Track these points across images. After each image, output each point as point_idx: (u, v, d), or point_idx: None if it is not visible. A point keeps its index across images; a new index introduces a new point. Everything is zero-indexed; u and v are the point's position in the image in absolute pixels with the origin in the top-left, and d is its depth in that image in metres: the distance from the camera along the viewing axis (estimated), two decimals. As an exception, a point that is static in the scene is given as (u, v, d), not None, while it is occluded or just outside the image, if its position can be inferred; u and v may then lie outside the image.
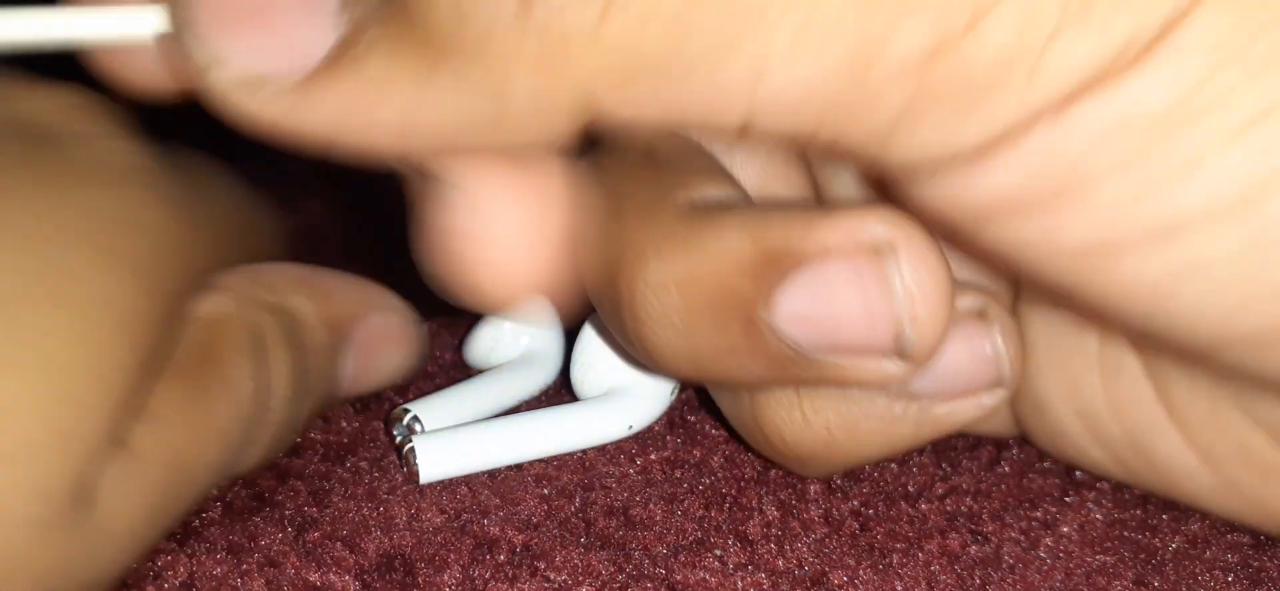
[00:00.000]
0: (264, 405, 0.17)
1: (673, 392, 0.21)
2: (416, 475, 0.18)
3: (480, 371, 0.22)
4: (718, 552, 0.17)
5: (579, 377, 0.20)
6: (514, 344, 0.22)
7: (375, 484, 0.19)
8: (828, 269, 0.13)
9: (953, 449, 0.20)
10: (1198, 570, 0.17)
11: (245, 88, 0.12)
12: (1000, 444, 0.20)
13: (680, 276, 0.14)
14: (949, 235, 0.13)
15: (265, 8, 0.11)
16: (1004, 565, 0.17)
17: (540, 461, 0.20)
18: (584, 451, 0.20)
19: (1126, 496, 0.19)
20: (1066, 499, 0.19)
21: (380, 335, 0.20)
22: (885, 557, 0.17)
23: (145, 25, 0.12)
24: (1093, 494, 0.19)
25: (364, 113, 0.11)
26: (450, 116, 0.11)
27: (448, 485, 0.19)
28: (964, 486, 0.19)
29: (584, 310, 0.21)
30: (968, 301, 0.15)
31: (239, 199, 0.19)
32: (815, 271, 0.13)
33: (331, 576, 0.16)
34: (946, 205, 0.12)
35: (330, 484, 0.19)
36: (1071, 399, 0.17)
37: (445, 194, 0.13)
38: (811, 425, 0.16)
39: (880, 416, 0.15)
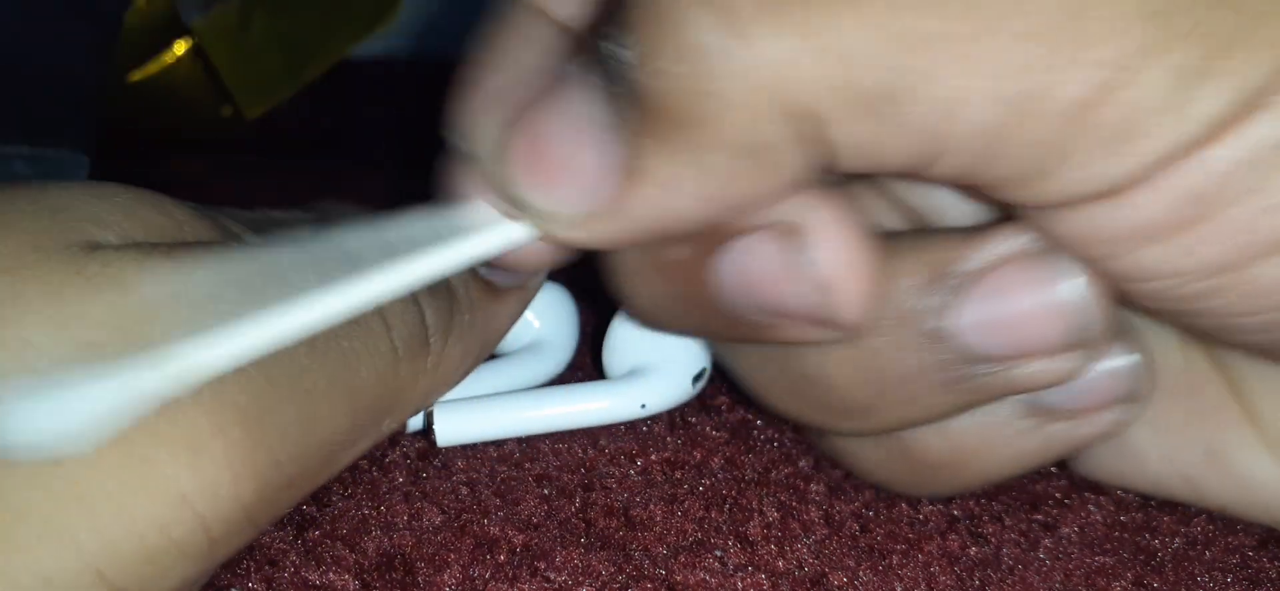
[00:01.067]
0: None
1: (696, 381, 0.21)
2: (434, 438, 0.19)
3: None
4: (718, 553, 0.17)
5: (608, 361, 0.21)
6: (524, 331, 0.22)
7: (376, 483, 0.19)
8: (756, 241, 0.14)
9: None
10: (1198, 570, 0.17)
11: (571, 227, 0.14)
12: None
13: None
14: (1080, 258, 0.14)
15: (556, 159, 0.14)
16: (1004, 566, 0.17)
17: (540, 462, 0.20)
18: (585, 451, 0.20)
19: (1126, 497, 0.19)
20: (1066, 500, 0.19)
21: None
22: (885, 558, 0.17)
23: (509, 235, 0.15)
24: (1093, 495, 0.19)
25: (667, 207, 0.14)
26: (729, 178, 0.13)
27: (448, 485, 0.19)
28: (964, 487, 0.19)
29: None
30: None
31: None
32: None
33: (331, 575, 0.16)
34: (1086, 234, 0.13)
35: (330, 482, 0.19)
36: (1147, 420, 0.17)
37: (791, 241, 0.14)
38: (949, 436, 0.16)
39: (1015, 431, 0.16)
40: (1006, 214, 0.15)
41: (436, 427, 0.19)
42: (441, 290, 0.18)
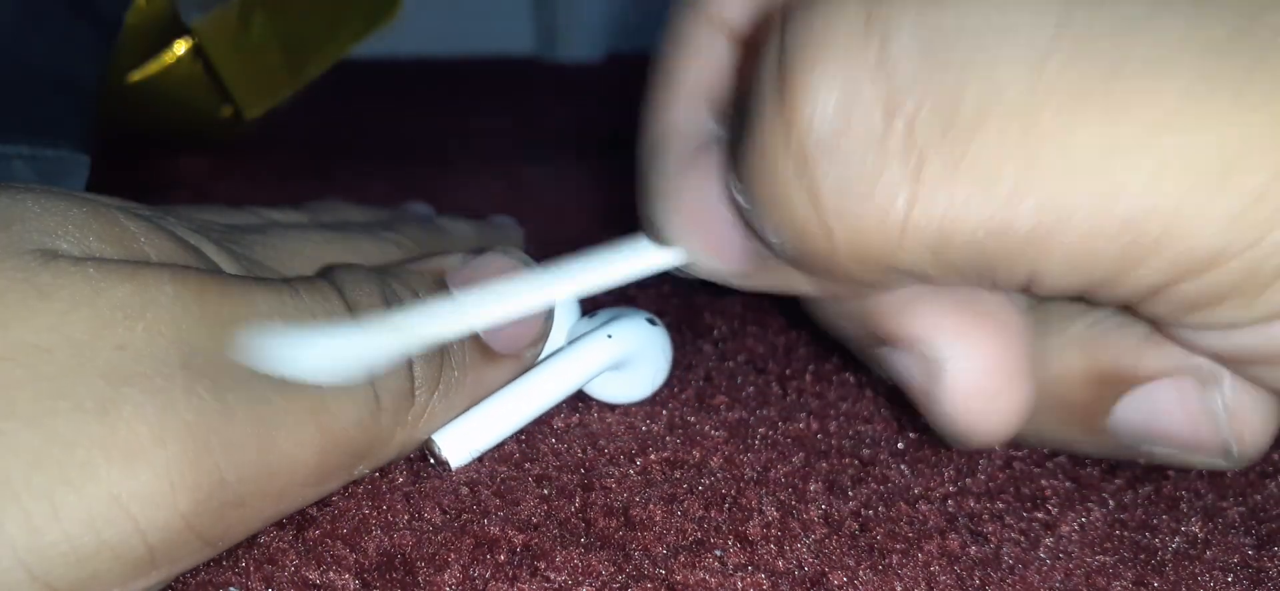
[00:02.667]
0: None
1: (652, 324, 0.21)
2: (446, 464, 0.19)
3: None
4: (718, 553, 0.17)
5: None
6: None
7: (376, 482, 0.19)
8: (1158, 390, 0.15)
9: (953, 449, 0.20)
10: (1198, 570, 0.17)
11: (716, 275, 0.17)
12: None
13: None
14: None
15: (697, 224, 0.16)
16: (1004, 565, 0.17)
17: (540, 462, 0.20)
18: (584, 451, 0.20)
19: (1126, 497, 0.19)
20: (1066, 500, 0.19)
21: (489, 276, 0.19)
22: (885, 558, 0.17)
23: (657, 261, 0.17)
24: (1093, 494, 0.19)
25: (785, 282, 0.16)
26: (827, 282, 0.15)
27: (448, 485, 0.19)
28: (964, 486, 0.19)
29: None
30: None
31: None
32: (1148, 391, 0.16)
33: (331, 575, 0.16)
34: (1198, 347, 0.14)
35: (330, 483, 0.19)
36: None
37: (929, 368, 0.16)
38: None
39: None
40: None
41: (447, 457, 0.19)
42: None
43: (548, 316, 0.20)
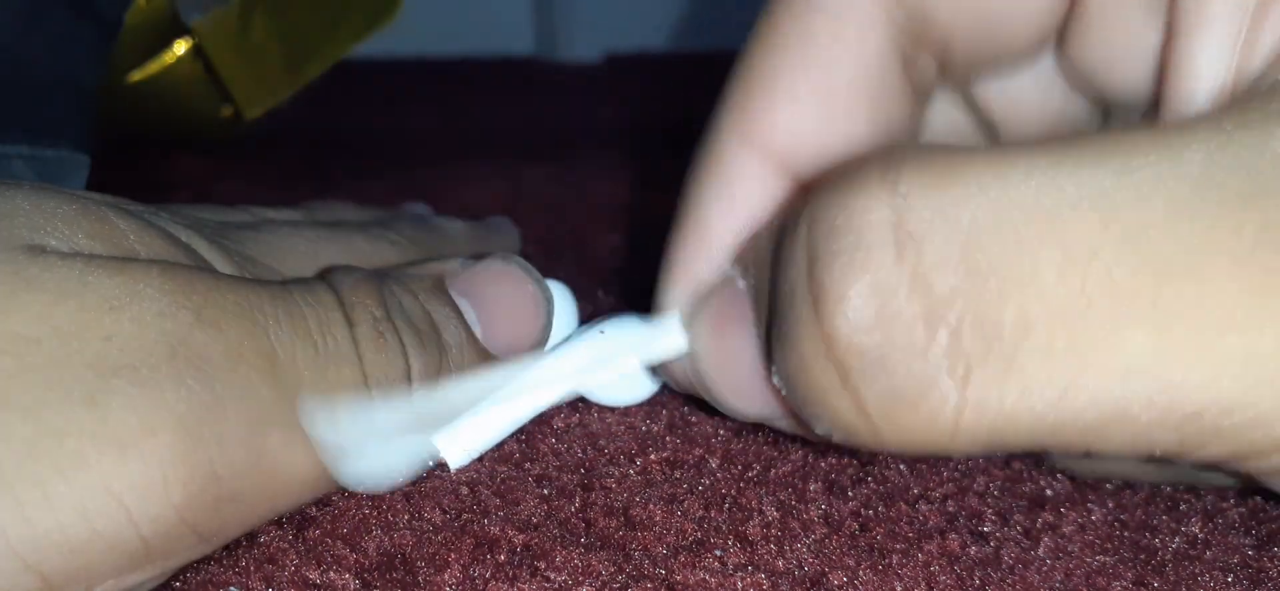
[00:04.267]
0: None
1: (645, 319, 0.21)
2: (445, 466, 0.19)
3: None
4: (718, 553, 0.17)
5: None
6: None
7: (375, 483, 0.19)
8: None
9: (953, 450, 0.20)
10: (1198, 570, 0.17)
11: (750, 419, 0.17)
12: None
13: None
14: None
15: (746, 393, 0.17)
16: (1004, 565, 0.17)
17: (540, 462, 0.20)
18: (584, 451, 0.20)
19: (1126, 497, 0.19)
20: (1067, 500, 0.19)
21: (493, 285, 0.20)
22: (885, 558, 0.17)
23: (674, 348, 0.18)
24: (1093, 494, 0.19)
25: (807, 430, 0.16)
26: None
27: (448, 485, 0.19)
28: (964, 486, 0.19)
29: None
30: None
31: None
32: None
33: (331, 574, 0.16)
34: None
35: (330, 483, 0.19)
36: None
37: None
38: None
39: None
40: None
41: (446, 458, 0.19)
42: (432, 346, 0.18)
43: (547, 323, 0.20)
